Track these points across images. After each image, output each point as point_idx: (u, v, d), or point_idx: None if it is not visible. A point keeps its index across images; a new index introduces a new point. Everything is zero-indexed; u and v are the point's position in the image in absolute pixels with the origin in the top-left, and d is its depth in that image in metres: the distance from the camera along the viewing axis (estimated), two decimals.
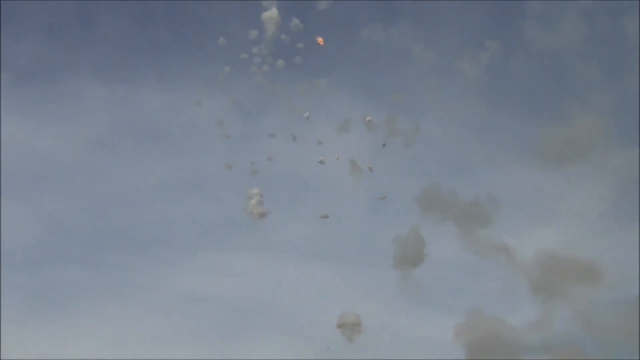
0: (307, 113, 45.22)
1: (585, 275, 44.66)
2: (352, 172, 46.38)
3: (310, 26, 45.70)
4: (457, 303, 54.60)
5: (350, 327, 43.65)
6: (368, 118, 46.00)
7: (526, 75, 52.43)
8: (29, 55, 69.78)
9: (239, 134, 48.80)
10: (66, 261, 64.15)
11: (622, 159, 47.38)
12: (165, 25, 66.77)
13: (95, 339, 56.74)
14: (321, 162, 45.65)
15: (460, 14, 55.12)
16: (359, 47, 49.74)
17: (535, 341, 44.89)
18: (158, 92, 67.28)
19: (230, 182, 51.01)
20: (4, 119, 62.10)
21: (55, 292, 61.97)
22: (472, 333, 45.61)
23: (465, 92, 50.23)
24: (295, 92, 46.50)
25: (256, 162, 46.23)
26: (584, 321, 44.37)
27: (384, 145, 46.09)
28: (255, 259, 57.90)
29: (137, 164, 68.49)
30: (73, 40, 69.45)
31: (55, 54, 70.27)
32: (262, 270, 59.12)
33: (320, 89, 46.18)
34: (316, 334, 50.71)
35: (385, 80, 53.47)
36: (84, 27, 68.66)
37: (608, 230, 53.04)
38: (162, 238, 65.56)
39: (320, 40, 44.74)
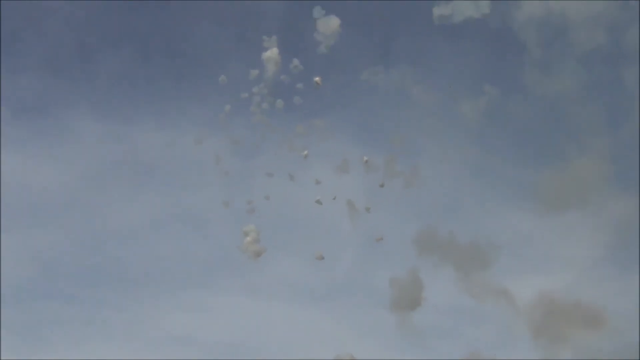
0: (306, 152, 45.18)
1: (586, 321, 44.29)
2: (350, 212, 46.14)
3: (311, 67, 45.94)
4: (455, 347, 53.54)
5: None
6: (365, 158, 45.90)
7: (525, 120, 52.50)
8: (28, 90, 69.66)
9: (236, 172, 48.57)
10: (57, 298, 63.32)
11: (621, 205, 47.29)
12: (165, 63, 66.90)
13: None
14: (318, 202, 45.37)
15: (460, 58, 55.47)
16: (358, 89, 50.00)
17: None
18: (156, 129, 67.17)
19: (226, 221, 50.72)
20: (3, 155, 61.93)
21: (44, 329, 61.01)
22: None
23: (464, 135, 50.38)
24: (293, 132, 46.51)
25: (253, 201, 46.10)
26: None
27: (381, 185, 45.92)
28: (248, 298, 56.97)
29: (133, 201, 68.01)
30: (72, 77, 69.49)
31: (54, 90, 70.23)
32: (254, 310, 57.98)
33: (319, 129, 46.25)
34: None
35: (384, 121, 53.56)
36: (83, 64, 68.77)
37: (608, 276, 52.73)
38: (158, 276, 64.61)
39: (318, 80, 44.81)
